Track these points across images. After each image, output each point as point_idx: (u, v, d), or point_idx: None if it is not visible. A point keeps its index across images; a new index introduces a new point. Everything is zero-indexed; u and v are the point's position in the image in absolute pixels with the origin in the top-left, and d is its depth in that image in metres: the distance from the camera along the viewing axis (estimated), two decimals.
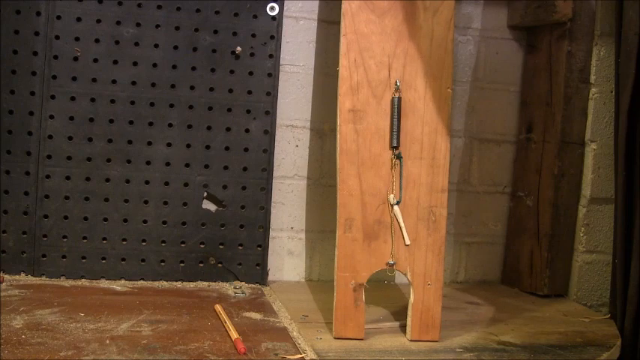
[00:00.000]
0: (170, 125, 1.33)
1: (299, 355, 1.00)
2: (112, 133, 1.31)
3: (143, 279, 1.34)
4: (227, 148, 1.35)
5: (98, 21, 1.29)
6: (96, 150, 1.31)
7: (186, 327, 1.08)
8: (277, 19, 1.36)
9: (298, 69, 1.43)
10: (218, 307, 1.17)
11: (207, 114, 1.34)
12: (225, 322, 1.10)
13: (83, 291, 1.25)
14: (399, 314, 1.19)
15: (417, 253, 1.10)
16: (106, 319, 1.09)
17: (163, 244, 1.34)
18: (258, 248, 1.38)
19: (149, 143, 1.33)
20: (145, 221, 1.33)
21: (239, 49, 1.34)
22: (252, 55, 1.35)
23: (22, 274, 1.29)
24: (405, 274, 1.11)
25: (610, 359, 1.13)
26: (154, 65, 1.32)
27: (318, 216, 1.46)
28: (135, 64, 1.31)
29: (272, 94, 1.37)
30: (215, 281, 1.36)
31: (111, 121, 1.31)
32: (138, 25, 1.30)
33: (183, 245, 1.35)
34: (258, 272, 1.38)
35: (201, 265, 1.36)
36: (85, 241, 1.31)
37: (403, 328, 1.13)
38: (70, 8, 1.27)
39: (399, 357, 1.04)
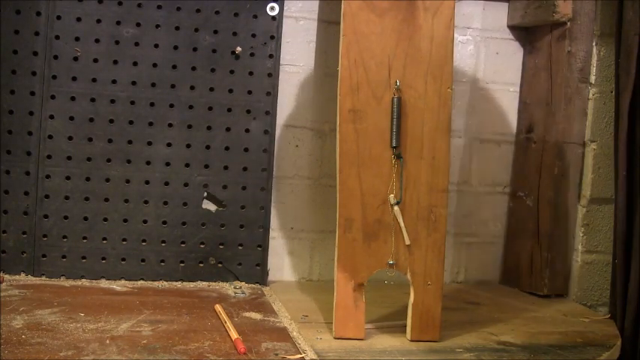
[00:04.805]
0: (170, 125, 1.33)
1: (299, 355, 1.00)
2: (112, 133, 1.31)
3: (143, 279, 1.34)
4: (227, 148, 1.35)
5: (98, 21, 1.29)
6: (96, 150, 1.31)
7: (186, 327, 1.08)
8: (277, 19, 1.36)
9: (298, 69, 1.43)
10: (218, 307, 1.17)
11: (207, 114, 1.34)
12: (225, 322, 1.10)
13: (83, 291, 1.25)
14: (399, 314, 1.19)
15: (417, 253, 1.10)
16: (106, 319, 1.09)
17: (163, 244, 1.34)
18: (258, 248, 1.38)
19: (149, 143, 1.33)
20: (145, 221, 1.33)
21: (239, 49, 1.34)
22: (252, 55, 1.35)
23: (22, 274, 1.29)
24: (405, 274, 1.11)
25: (610, 359, 1.13)
26: (154, 65, 1.32)
27: (318, 216, 1.46)
28: (135, 64, 1.31)
29: (272, 94, 1.37)
30: (215, 281, 1.36)
31: (111, 121, 1.31)
32: (138, 25, 1.30)
33: (183, 245, 1.35)
34: (258, 272, 1.38)
35: (201, 265, 1.36)
36: (85, 241, 1.31)
37: (403, 328, 1.13)
38: (70, 8, 1.27)
39: (399, 357, 1.04)
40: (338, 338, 1.09)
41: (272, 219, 1.41)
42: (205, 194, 1.36)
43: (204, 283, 1.36)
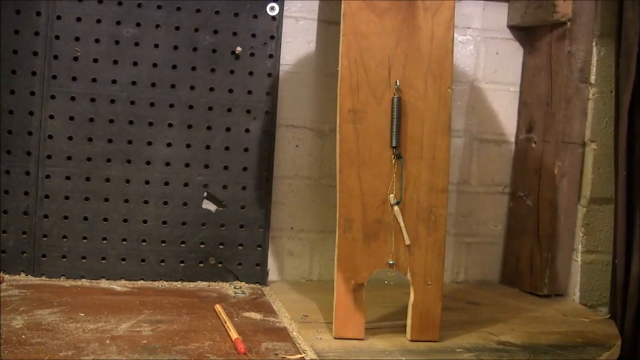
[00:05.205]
0: (170, 125, 1.33)
1: (299, 355, 1.00)
2: (112, 133, 1.31)
3: (143, 279, 1.34)
4: (227, 148, 1.36)
5: (98, 21, 1.29)
6: (96, 150, 1.31)
7: (186, 327, 1.08)
8: (277, 19, 1.36)
9: (298, 69, 1.43)
10: (218, 307, 1.17)
11: (207, 114, 1.34)
12: (225, 322, 1.10)
13: (83, 291, 1.25)
14: (399, 314, 1.19)
15: (417, 253, 1.10)
16: (106, 319, 1.09)
17: (163, 244, 1.34)
18: (258, 248, 1.38)
19: (149, 143, 1.33)
20: (145, 221, 1.33)
21: (239, 49, 1.34)
22: (252, 55, 1.35)
23: (22, 274, 1.29)
24: (405, 274, 1.11)
25: (610, 359, 1.13)
26: (154, 65, 1.32)
27: (318, 216, 1.46)
28: (135, 64, 1.31)
29: (272, 94, 1.37)
30: (215, 281, 1.36)
31: (111, 121, 1.31)
32: (138, 25, 1.30)
33: (183, 245, 1.35)
34: (258, 272, 1.38)
35: (201, 265, 1.36)
36: (85, 241, 1.31)
37: (403, 328, 1.13)
38: (70, 8, 1.27)
39: (399, 357, 1.04)
40: (338, 338, 1.09)
41: (272, 219, 1.41)
42: (205, 194, 1.36)
43: (204, 283, 1.36)
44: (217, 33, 1.33)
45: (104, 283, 1.31)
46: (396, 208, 1.10)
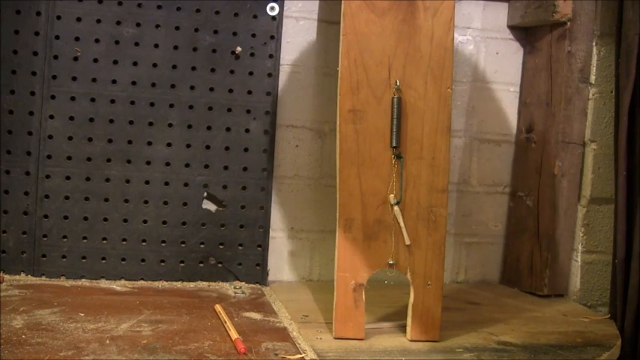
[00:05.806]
0: (170, 125, 1.33)
1: (299, 355, 1.00)
2: (112, 133, 1.31)
3: (143, 279, 1.34)
4: (227, 148, 1.36)
5: (98, 21, 1.29)
6: (96, 150, 1.31)
7: (186, 327, 1.08)
8: (277, 19, 1.36)
9: (298, 69, 1.43)
10: (218, 307, 1.17)
11: (207, 114, 1.34)
12: (225, 322, 1.10)
13: (83, 291, 1.25)
14: (399, 314, 1.19)
15: (417, 253, 1.10)
16: (106, 319, 1.09)
17: (163, 244, 1.34)
18: (258, 248, 1.38)
19: (149, 143, 1.33)
20: (145, 221, 1.33)
21: (239, 49, 1.34)
22: (252, 55, 1.35)
23: (22, 274, 1.29)
24: (405, 274, 1.11)
25: (610, 359, 1.13)
26: (154, 65, 1.32)
27: (318, 216, 1.46)
28: (135, 64, 1.31)
29: (272, 94, 1.37)
30: (215, 281, 1.36)
31: (111, 121, 1.31)
32: (138, 25, 1.30)
33: (183, 245, 1.35)
34: (258, 272, 1.38)
35: (201, 265, 1.36)
36: (85, 241, 1.31)
37: (403, 328, 1.13)
38: (70, 8, 1.27)
39: (399, 357, 1.04)
40: (338, 338, 1.09)
41: (272, 219, 1.41)
42: (205, 194, 1.36)
43: (204, 283, 1.36)
44: (217, 33, 1.34)
45: (104, 283, 1.31)
46: (396, 208, 1.10)
